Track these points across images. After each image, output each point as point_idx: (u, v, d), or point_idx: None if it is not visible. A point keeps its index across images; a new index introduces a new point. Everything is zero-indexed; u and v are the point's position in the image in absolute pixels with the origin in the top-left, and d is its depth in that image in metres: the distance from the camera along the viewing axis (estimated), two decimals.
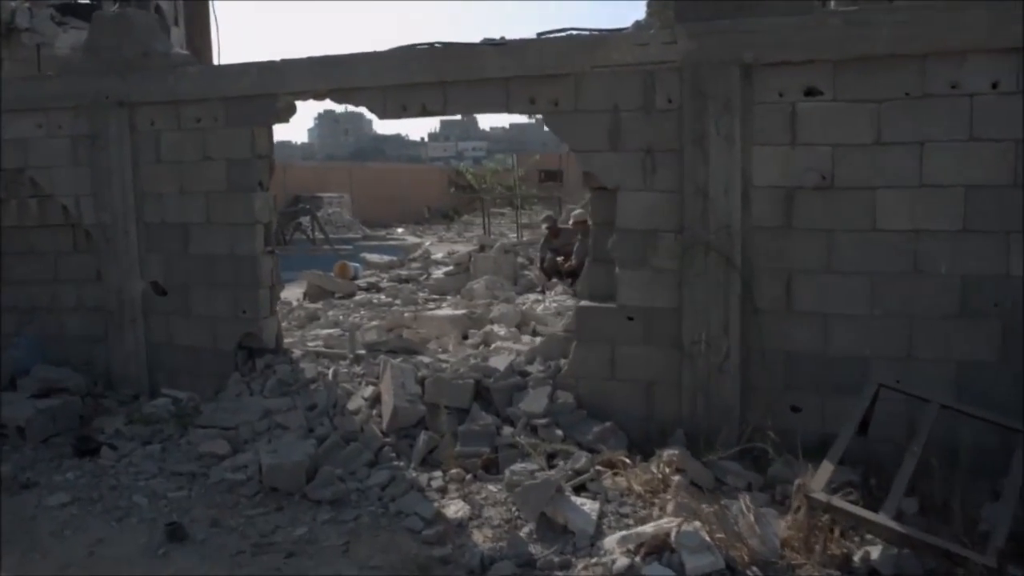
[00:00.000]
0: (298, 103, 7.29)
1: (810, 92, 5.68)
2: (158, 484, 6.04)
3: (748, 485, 5.51)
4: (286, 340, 8.19)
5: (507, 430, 6.14)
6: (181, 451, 6.54)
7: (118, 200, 7.80)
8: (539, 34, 6.40)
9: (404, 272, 15.72)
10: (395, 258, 17.93)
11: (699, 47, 5.85)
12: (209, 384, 7.55)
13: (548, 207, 26.59)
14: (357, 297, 12.93)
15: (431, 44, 6.63)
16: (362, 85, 6.88)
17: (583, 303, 6.45)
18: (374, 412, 6.56)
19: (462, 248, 21.92)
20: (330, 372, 7.16)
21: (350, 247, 19.40)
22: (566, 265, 12.88)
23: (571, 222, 13.42)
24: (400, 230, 28.31)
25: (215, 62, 9.02)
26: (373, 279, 15.37)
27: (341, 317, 11.26)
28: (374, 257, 17.65)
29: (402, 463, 5.99)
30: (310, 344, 9.56)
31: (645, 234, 6.14)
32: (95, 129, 7.81)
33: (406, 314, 11.32)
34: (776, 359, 5.90)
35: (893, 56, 5.45)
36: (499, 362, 6.82)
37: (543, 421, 6.06)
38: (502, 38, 6.46)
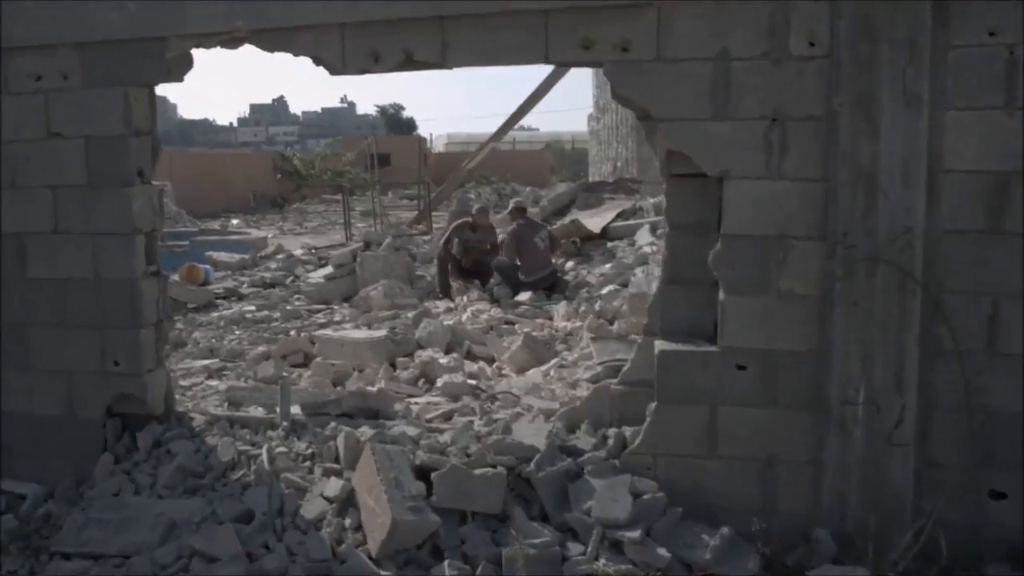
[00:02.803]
0: (198, 51, 4.65)
1: None
2: None
3: None
4: None
5: (573, 548, 3.86)
6: None
7: None
8: None
9: (266, 275, 12.95)
10: (245, 256, 15.05)
11: None
12: (63, 472, 4.88)
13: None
14: (227, 312, 10.13)
15: None
16: (308, 23, 4.37)
17: (664, 345, 4.21)
18: (347, 523, 4.11)
19: (311, 240, 19.23)
20: (263, 452, 4.61)
21: (186, 243, 16.29)
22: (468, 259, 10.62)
23: (508, 210, 11.17)
24: (235, 221, 24.99)
25: None
26: (228, 283, 12.58)
27: (214, 341, 8.56)
28: (222, 256, 14.74)
29: None
30: (183, 383, 6.91)
31: (768, 242, 3.97)
32: None
33: (292, 332, 8.81)
34: (971, 423, 3.88)
35: None
36: (527, 434, 4.49)
37: (634, 535, 3.79)
38: None
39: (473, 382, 6.68)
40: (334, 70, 4.42)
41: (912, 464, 3.91)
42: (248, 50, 4.59)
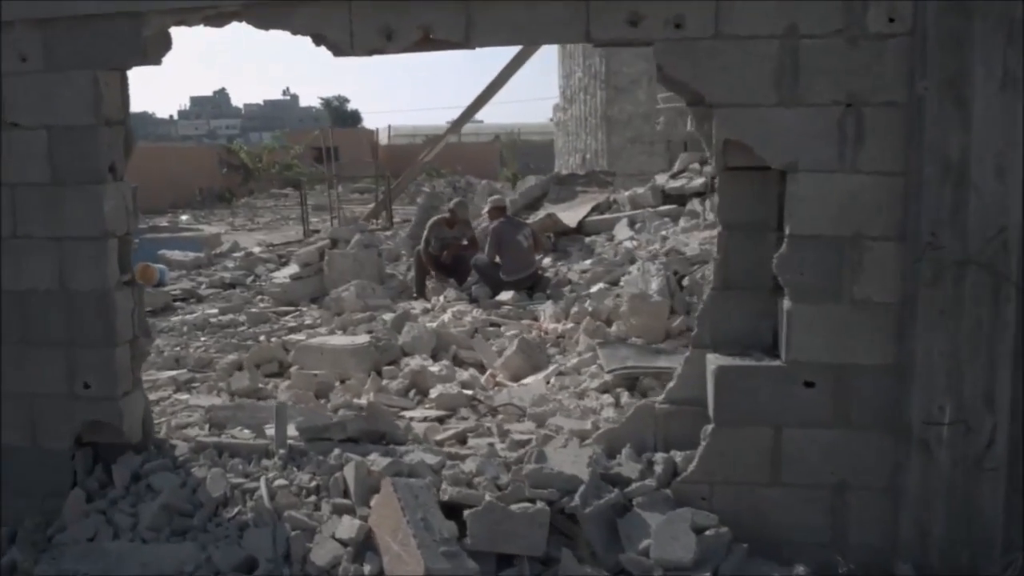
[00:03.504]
0: (178, 30, 4.04)
1: None
2: None
3: None
4: None
5: None
6: None
7: None
8: None
9: (225, 274, 12.26)
10: (200, 254, 14.29)
11: None
12: (24, 510, 4.23)
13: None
14: (189, 316, 9.43)
15: None
16: None
17: (722, 361, 3.72)
18: (367, 569, 3.55)
19: (266, 237, 18.49)
20: (261, 486, 4.02)
21: (136, 240, 15.36)
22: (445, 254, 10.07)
23: (486, 208, 10.57)
24: (185, 217, 24.00)
25: None
26: (185, 284, 11.86)
27: (179, 349, 7.89)
28: (176, 254, 13.96)
29: None
30: (150, 397, 6.26)
31: (840, 244, 3.51)
32: None
33: (262, 338, 8.20)
34: None
35: None
36: (563, 461, 3.96)
37: None
38: None
39: (469, 392, 6.17)
40: (339, 51, 3.84)
41: (1003, 490, 3.47)
42: (231, 30, 3.99)
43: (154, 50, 4.02)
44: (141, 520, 3.98)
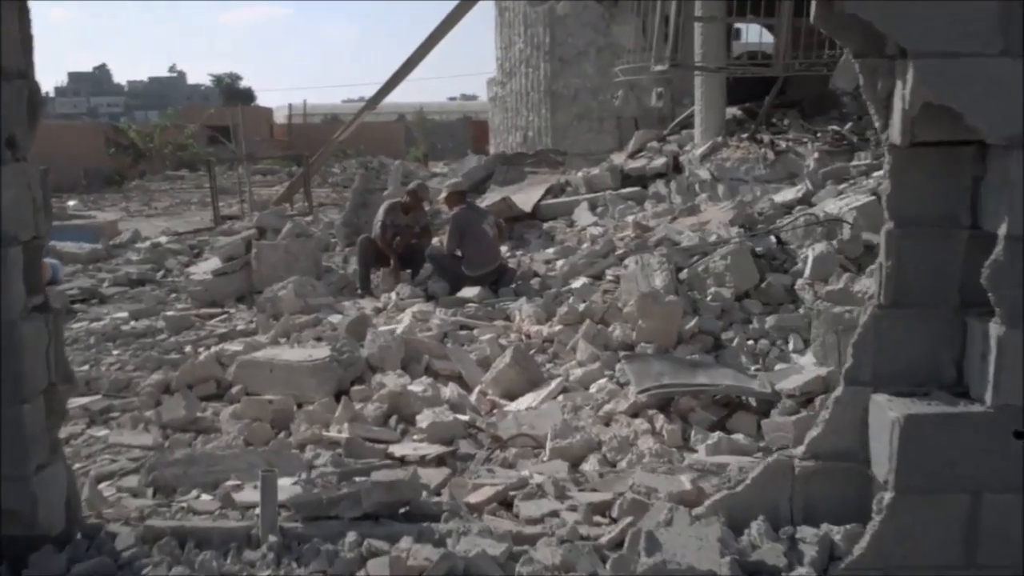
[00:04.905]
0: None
1: None
2: None
3: None
4: None
5: None
6: None
7: None
8: None
9: (131, 269, 10.79)
10: (97, 246, 12.66)
11: None
12: None
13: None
14: (96, 324, 7.96)
15: None
16: None
17: (909, 407, 2.69)
18: None
19: (169, 223, 16.85)
20: None
21: None
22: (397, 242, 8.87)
23: (444, 194, 9.38)
24: (72, 203, 21.87)
25: None
26: (83, 281, 10.32)
27: (88, 367, 6.51)
28: (69, 246, 12.31)
29: None
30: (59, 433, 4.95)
31: None
32: None
33: (188, 349, 6.93)
34: None
35: None
36: (684, 546, 2.87)
37: None
38: None
39: (464, 418, 5.08)
40: None
41: None
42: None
43: None
44: None
